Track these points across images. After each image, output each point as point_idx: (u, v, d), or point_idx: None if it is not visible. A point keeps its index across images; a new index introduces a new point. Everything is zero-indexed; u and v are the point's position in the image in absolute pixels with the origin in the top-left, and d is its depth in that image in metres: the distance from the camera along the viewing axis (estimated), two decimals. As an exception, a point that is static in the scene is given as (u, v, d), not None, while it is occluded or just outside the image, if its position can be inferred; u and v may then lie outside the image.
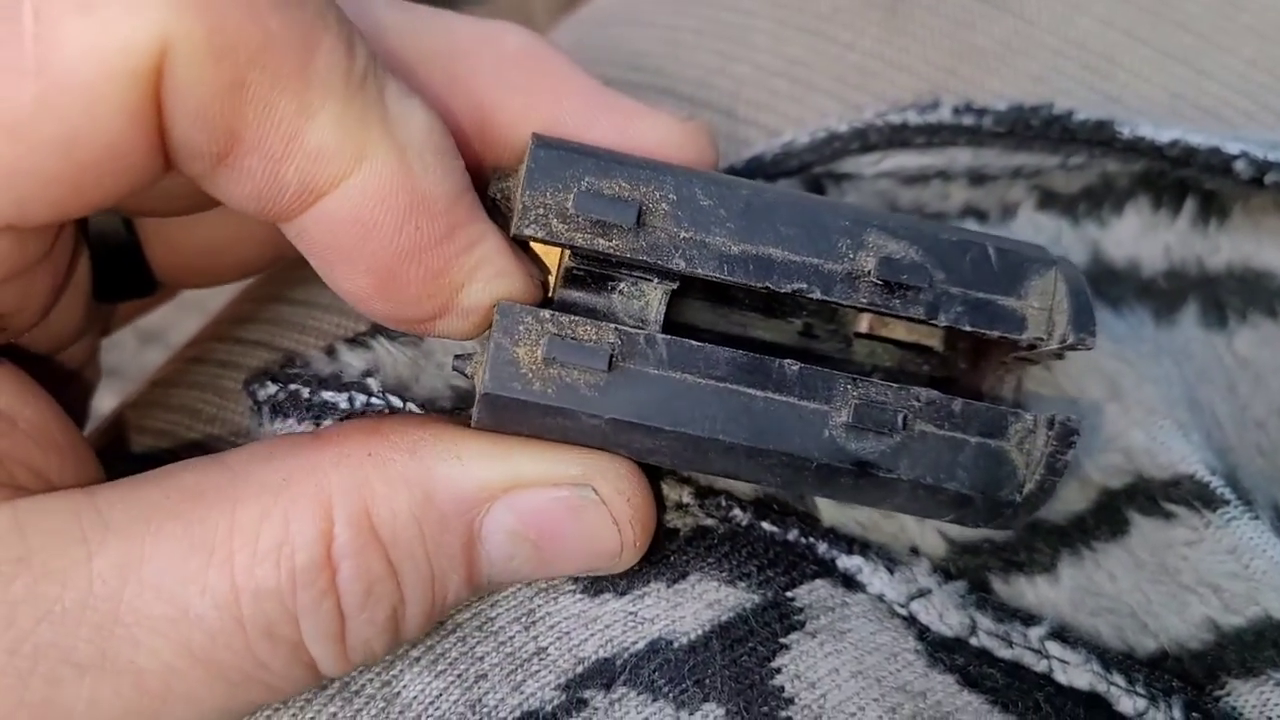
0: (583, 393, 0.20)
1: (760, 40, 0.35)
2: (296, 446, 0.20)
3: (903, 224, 0.21)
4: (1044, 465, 0.21)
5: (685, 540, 0.22)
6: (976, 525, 0.22)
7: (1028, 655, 0.22)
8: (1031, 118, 0.28)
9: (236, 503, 0.19)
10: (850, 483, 0.21)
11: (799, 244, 0.20)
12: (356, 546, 0.20)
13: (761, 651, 0.22)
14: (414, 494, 0.20)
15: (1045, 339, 0.21)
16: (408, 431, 0.21)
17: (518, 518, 0.21)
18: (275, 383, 0.23)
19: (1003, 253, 0.21)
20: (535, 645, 0.22)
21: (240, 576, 0.19)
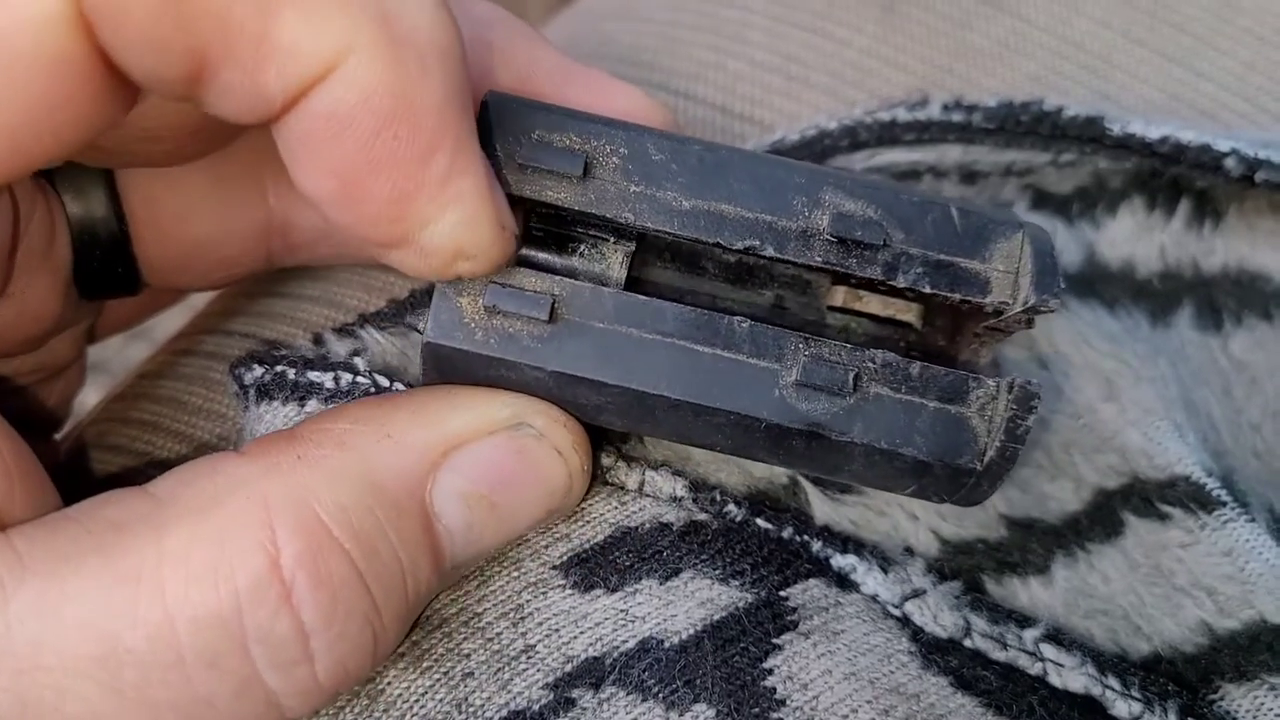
0: (525, 344, 0.19)
1: (756, 36, 0.35)
2: (219, 465, 0.19)
3: (861, 183, 0.20)
4: (1004, 431, 0.20)
5: (678, 535, 0.22)
6: (940, 498, 0.21)
7: (1022, 658, 0.22)
8: (1021, 113, 0.28)
9: (163, 529, 0.18)
10: (802, 445, 0.20)
11: (752, 201, 0.20)
12: (311, 553, 0.18)
13: (754, 652, 0.21)
14: (358, 485, 0.19)
15: (1010, 303, 0.20)
16: (330, 426, 0.20)
17: (465, 477, 0.20)
18: (261, 365, 0.23)
19: (966, 214, 0.20)
20: (523, 643, 0.21)
21: (173, 604, 0.17)
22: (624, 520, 0.22)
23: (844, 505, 0.23)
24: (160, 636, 0.17)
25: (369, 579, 0.19)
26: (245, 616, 0.18)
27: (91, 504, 0.19)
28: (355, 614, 0.19)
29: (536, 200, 0.20)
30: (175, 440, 0.27)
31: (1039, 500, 0.24)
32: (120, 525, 0.18)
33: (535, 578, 0.22)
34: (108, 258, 0.23)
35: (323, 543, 0.18)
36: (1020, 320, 0.21)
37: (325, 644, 0.18)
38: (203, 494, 0.18)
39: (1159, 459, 0.24)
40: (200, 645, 0.17)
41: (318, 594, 0.18)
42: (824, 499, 0.23)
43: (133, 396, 0.29)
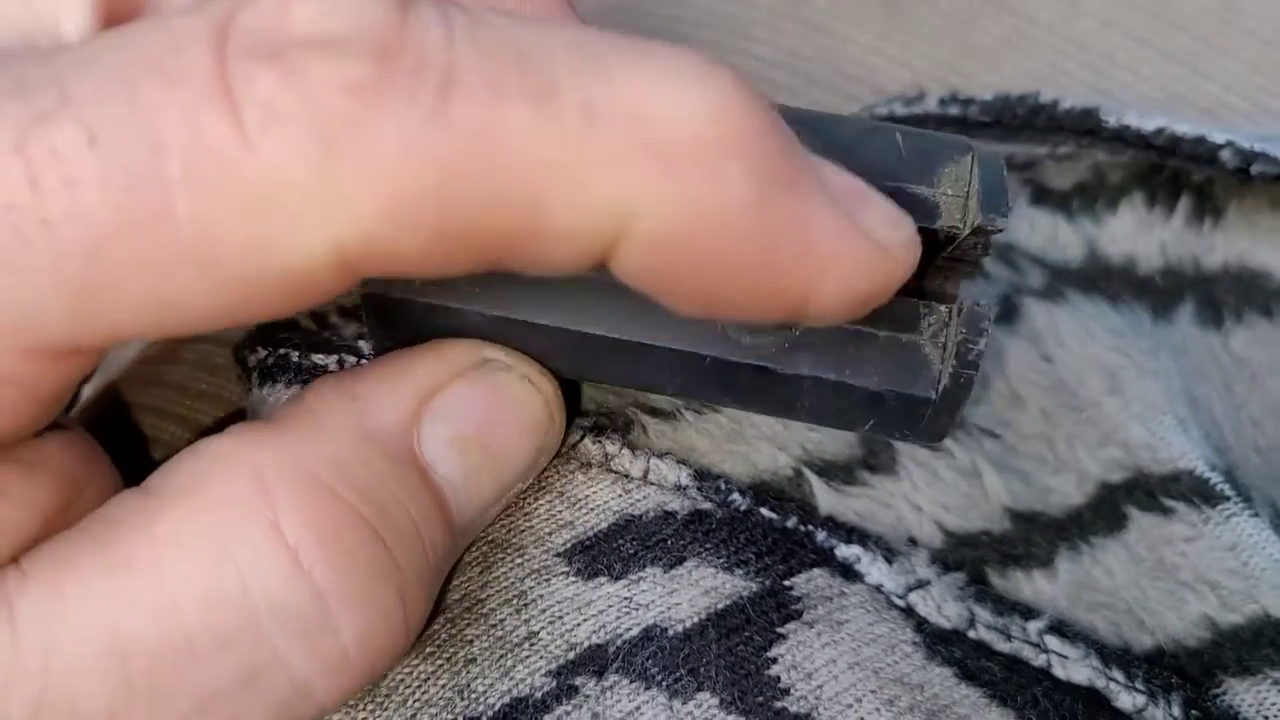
0: (463, 288, 0.19)
1: (758, 32, 0.35)
2: (200, 447, 0.18)
3: (803, 115, 0.20)
4: (955, 356, 0.19)
5: (683, 523, 0.22)
6: (901, 434, 0.20)
7: (1026, 649, 0.22)
8: (1017, 106, 0.28)
9: (153, 515, 0.17)
10: (750, 381, 0.19)
11: None
12: (314, 510, 0.17)
13: (758, 641, 0.21)
14: (349, 440, 0.18)
15: (960, 227, 0.20)
16: (299, 405, 0.19)
17: (447, 422, 0.19)
18: (265, 347, 0.22)
19: (911, 137, 0.20)
20: (526, 629, 0.21)
21: (173, 582, 0.17)
22: (628, 508, 0.22)
23: (848, 496, 0.23)
24: (164, 619, 0.17)
25: (384, 534, 0.18)
26: (252, 588, 0.17)
27: (94, 512, 0.18)
28: (375, 573, 0.18)
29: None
30: (179, 425, 0.27)
31: (1042, 493, 0.24)
32: (113, 520, 0.18)
33: (539, 564, 0.22)
34: None
35: (325, 500, 0.17)
36: (976, 246, 0.20)
37: (348, 609, 0.17)
38: (188, 475, 0.18)
39: (1162, 453, 0.24)
40: (208, 625, 0.17)
41: (329, 552, 0.17)
42: (828, 490, 0.23)
43: (133, 381, 0.29)
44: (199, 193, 0.14)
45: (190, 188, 0.14)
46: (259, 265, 0.15)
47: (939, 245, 0.21)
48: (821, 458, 0.24)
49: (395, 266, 0.15)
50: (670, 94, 0.15)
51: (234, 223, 0.14)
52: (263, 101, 0.14)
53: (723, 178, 0.15)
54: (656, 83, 0.15)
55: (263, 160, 0.14)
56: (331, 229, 0.15)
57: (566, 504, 0.22)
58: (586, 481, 0.22)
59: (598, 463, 0.22)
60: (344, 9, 0.14)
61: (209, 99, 0.14)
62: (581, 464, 0.22)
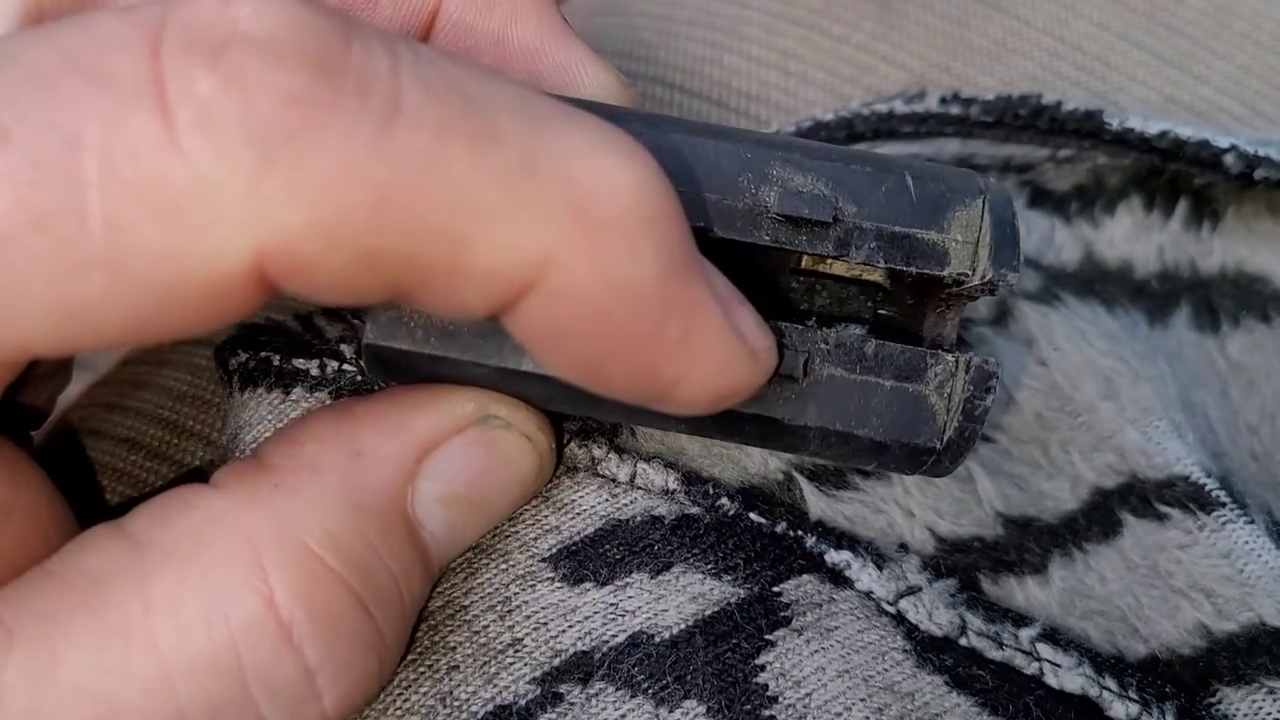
0: (465, 340, 0.19)
1: (753, 32, 0.34)
2: (193, 500, 0.18)
3: (811, 153, 0.20)
4: (961, 412, 0.19)
5: (670, 529, 0.22)
6: (902, 471, 0.20)
7: (1018, 657, 0.22)
8: (1019, 107, 0.28)
9: (146, 578, 0.17)
10: (756, 429, 0.19)
11: (696, 181, 0.19)
12: (307, 586, 0.17)
13: (746, 648, 0.21)
14: (341, 508, 0.18)
15: (969, 274, 0.20)
16: (297, 449, 0.19)
17: (442, 482, 0.19)
18: (246, 350, 0.22)
19: (922, 182, 0.20)
20: (510, 636, 0.21)
21: (168, 654, 0.17)
22: (615, 513, 0.22)
23: (839, 501, 0.23)
24: (157, 691, 0.17)
25: (369, 604, 0.18)
26: (244, 661, 0.17)
27: (69, 553, 0.18)
28: (360, 642, 0.18)
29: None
30: (159, 427, 0.26)
31: (1036, 499, 0.24)
32: (101, 578, 0.17)
33: (523, 570, 0.21)
34: None
35: (318, 574, 0.17)
36: (982, 290, 0.20)
37: (332, 679, 0.18)
38: (182, 534, 0.17)
39: (1157, 458, 0.24)
40: (200, 696, 0.17)
41: (319, 628, 0.17)
42: (818, 494, 0.23)
43: (118, 383, 0.29)
44: (115, 193, 0.14)
45: (106, 188, 0.14)
46: (174, 273, 0.14)
47: (945, 286, 0.21)
48: (813, 462, 0.23)
49: (308, 285, 0.15)
50: (602, 165, 0.15)
51: (151, 226, 0.14)
52: (199, 102, 0.14)
53: (636, 252, 0.15)
54: (590, 152, 0.15)
55: (190, 162, 0.14)
56: (254, 239, 0.14)
57: (552, 509, 0.22)
58: (573, 486, 0.22)
59: (584, 467, 0.22)
60: (284, 9, 0.14)
61: (138, 96, 0.14)
62: (568, 468, 0.22)
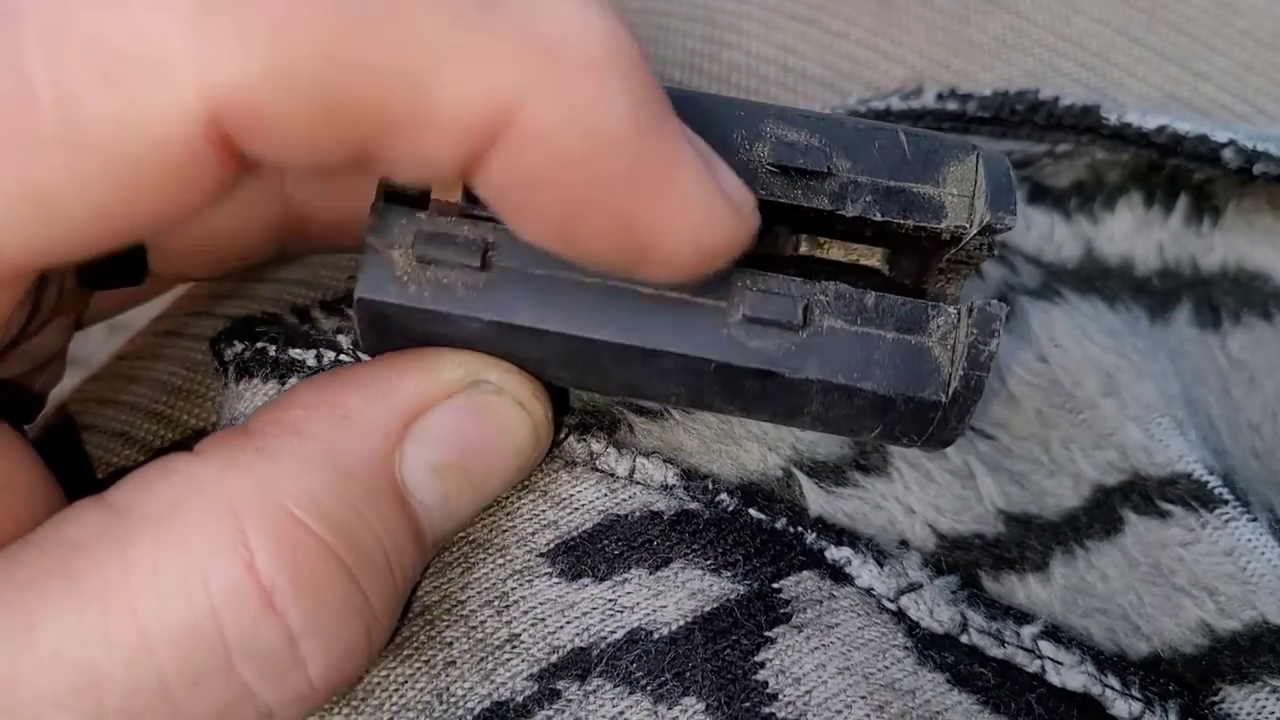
0: (460, 294, 0.18)
1: (751, 27, 0.34)
2: (174, 466, 0.18)
3: (804, 114, 0.20)
4: (966, 358, 0.19)
5: (669, 524, 0.21)
6: (908, 439, 0.20)
7: (1020, 655, 0.21)
8: (1016, 102, 0.28)
9: (125, 542, 0.17)
10: (757, 386, 0.19)
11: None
12: (289, 551, 0.17)
13: (745, 644, 0.21)
14: (325, 471, 0.18)
15: (966, 226, 0.19)
16: (282, 415, 0.18)
17: (432, 447, 0.19)
18: (242, 341, 0.22)
19: (915, 138, 0.20)
20: (508, 631, 0.20)
21: (147, 621, 0.16)
22: (613, 508, 0.21)
23: (839, 498, 0.23)
24: (137, 659, 0.16)
25: (355, 570, 0.18)
26: (226, 628, 0.16)
27: (50, 525, 0.17)
28: (345, 610, 0.18)
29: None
30: (153, 421, 0.26)
31: (1037, 496, 0.24)
32: (80, 544, 0.17)
33: (521, 565, 0.21)
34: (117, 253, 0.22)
35: (300, 539, 0.17)
36: (981, 247, 0.20)
37: (317, 647, 0.17)
38: (161, 499, 0.17)
39: (1159, 455, 0.24)
40: (182, 664, 0.16)
41: (302, 594, 0.17)
42: (818, 491, 0.23)
43: (112, 377, 0.29)
44: (59, 60, 0.13)
45: (49, 56, 0.13)
46: (130, 139, 0.14)
47: (943, 246, 0.20)
48: (812, 458, 0.23)
49: (269, 143, 0.14)
50: (568, 5, 0.15)
51: (99, 91, 0.14)
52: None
53: (608, 92, 0.15)
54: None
55: (131, 17, 0.13)
56: (205, 92, 0.14)
57: (550, 503, 0.22)
58: (571, 480, 0.22)
59: (583, 461, 0.22)
60: None
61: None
62: (566, 462, 0.22)
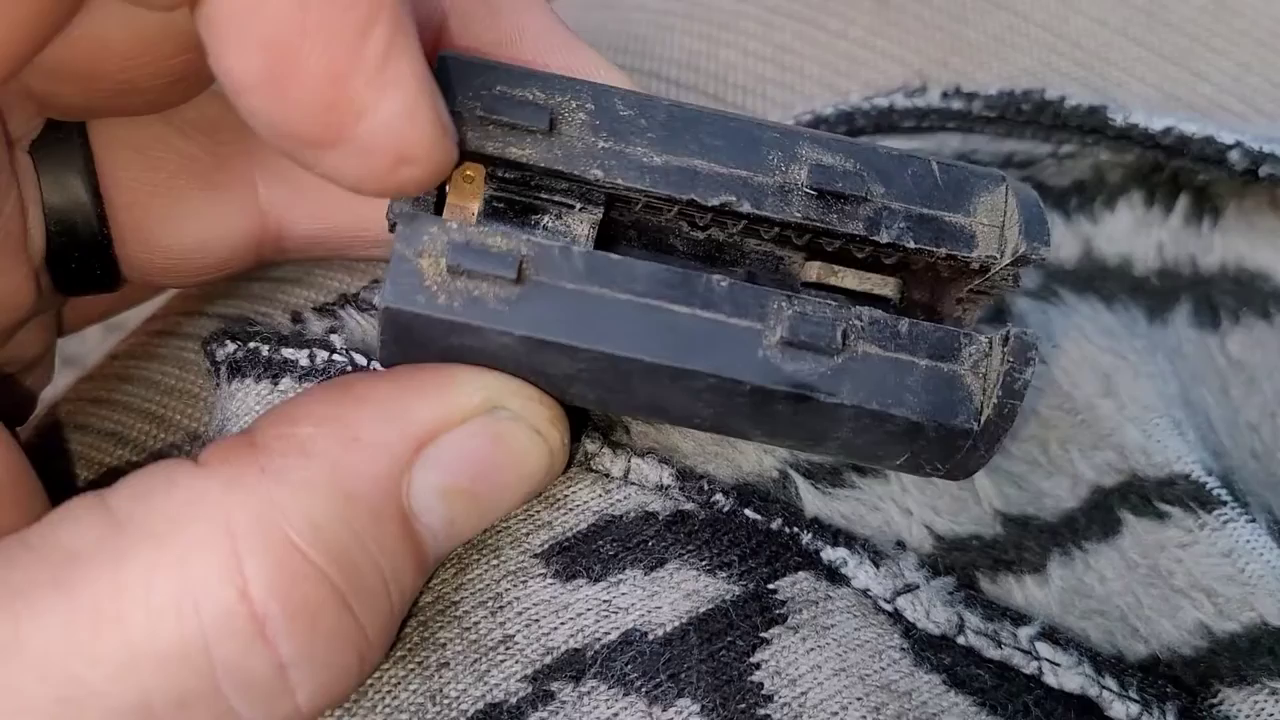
0: (491, 306, 0.18)
1: (749, 26, 0.34)
2: (176, 477, 0.17)
3: (838, 140, 0.20)
4: (1001, 386, 0.19)
5: (664, 525, 0.21)
6: (933, 467, 0.20)
7: (1017, 656, 0.21)
8: (1022, 102, 0.28)
9: (121, 558, 0.16)
10: (789, 410, 0.19)
11: (726, 156, 0.19)
12: (285, 580, 0.17)
13: (741, 646, 0.20)
14: (330, 497, 0.17)
15: (997, 256, 0.19)
16: (291, 431, 0.18)
17: (442, 472, 0.18)
18: (234, 341, 0.22)
19: (947, 168, 0.20)
20: (502, 633, 0.20)
21: (137, 640, 0.16)
22: (608, 508, 0.21)
23: (835, 499, 0.23)
24: (124, 677, 0.16)
25: (350, 598, 0.17)
26: (214, 653, 0.16)
27: (48, 525, 0.17)
28: (338, 638, 0.17)
29: (500, 158, 0.19)
30: (146, 421, 0.26)
31: (1035, 497, 0.24)
32: (77, 554, 0.17)
33: (515, 566, 0.21)
34: (87, 257, 0.22)
35: (296, 567, 0.17)
36: (1006, 278, 0.20)
37: (307, 674, 0.17)
38: (161, 514, 0.17)
39: (1158, 456, 0.24)
40: (168, 685, 0.16)
41: (295, 624, 0.17)
42: (814, 492, 0.23)
43: (105, 377, 0.28)
44: None
45: None
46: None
47: (967, 276, 0.20)
48: (809, 460, 0.23)
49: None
50: None
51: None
52: None
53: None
54: None
55: None
56: None
57: (545, 504, 0.21)
58: (566, 481, 0.22)
59: (578, 462, 0.22)
60: None
61: None
62: (560, 462, 0.22)
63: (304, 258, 0.25)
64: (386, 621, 0.19)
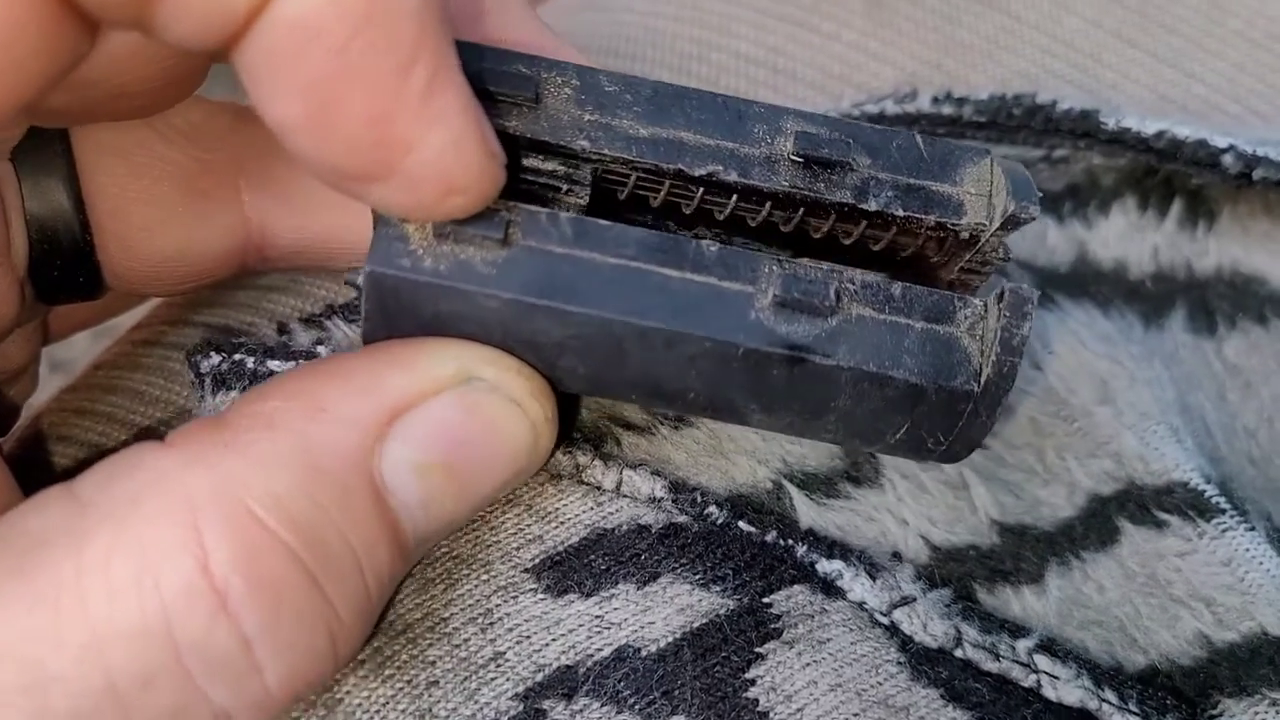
0: (478, 269, 0.18)
1: (741, 29, 0.34)
2: (140, 459, 0.17)
3: (823, 116, 0.20)
4: (999, 343, 0.19)
5: (657, 538, 0.21)
6: (934, 439, 0.19)
7: (1015, 669, 0.21)
8: (1014, 106, 0.27)
9: (83, 540, 0.16)
10: (784, 374, 0.19)
11: (712, 128, 0.19)
12: (246, 552, 0.16)
13: (735, 661, 0.20)
14: (294, 468, 0.17)
15: (986, 223, 0.19)
16: (258, 407, 0.18)
17: (415, 446, 0.18)
18: (219, 353, 0.21)
19: (932, 141, 0.20)
20: (492, 650, 0.20)
21: (98, 620, 0.16)
22: (600, 521, 0.21)
23: (830, 510, 0.22)
24: (87, 659, 0.16)
25: (318, 573, 0.17)
26: (176, 629, 0.16)
27: (17, 514, 0.17)
28: (305, 614, 0.17)
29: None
30: (128, 431, 0.26)
31: (1032, 506, 0.23)
32: (41, 540, 0.16)
33: (505, 581, 0.21)
34: (69, 265, 0.22)
35: (257, 539, 0.16)
36: (996, 248, 0.20)
37: (273, 652, 0.17)
38: (123, 495, 0.17)
39: (1155, 464, 0.24)
40: (132, 665, 0.16)
41: (258, 598, 0.16)
42: (809, 503, 0.22)
43: (88, 387, 0.28)
44: None
45: None
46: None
47: (958, 252, 0.20)
48: (802, 470, 0.23)
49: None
50: None
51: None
52: None
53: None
54: None
55: None
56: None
57: (536, 517, 0.21)
58: (557, 494, 0.21)
59: (569, 474, 0.21)
60: None
61: None
62: (551, 476, 0.21)
63: (289, 267, 0.24)
64: (361, 603, 0.18)
